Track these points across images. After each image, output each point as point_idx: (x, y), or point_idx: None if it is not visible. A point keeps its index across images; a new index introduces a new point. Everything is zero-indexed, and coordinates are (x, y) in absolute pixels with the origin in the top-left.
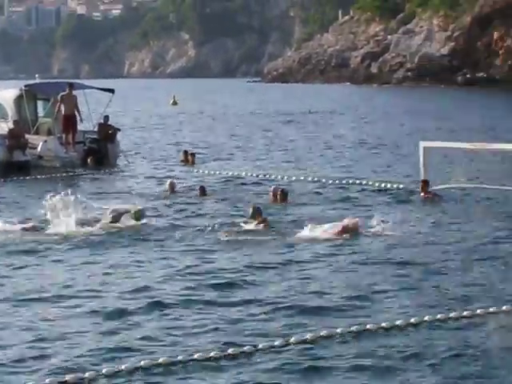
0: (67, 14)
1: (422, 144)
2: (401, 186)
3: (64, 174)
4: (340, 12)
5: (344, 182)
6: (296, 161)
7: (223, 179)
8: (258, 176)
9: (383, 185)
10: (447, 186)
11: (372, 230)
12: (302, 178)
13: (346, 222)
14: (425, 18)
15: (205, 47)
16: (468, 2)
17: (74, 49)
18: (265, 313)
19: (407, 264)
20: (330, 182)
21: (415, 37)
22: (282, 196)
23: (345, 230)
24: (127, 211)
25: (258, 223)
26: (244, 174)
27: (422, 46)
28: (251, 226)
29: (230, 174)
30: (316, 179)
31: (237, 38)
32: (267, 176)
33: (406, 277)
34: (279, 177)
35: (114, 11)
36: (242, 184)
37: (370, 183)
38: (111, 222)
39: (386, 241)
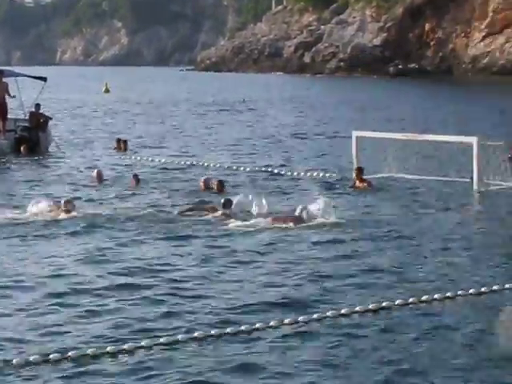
0: None
1: (355, 133)
2: (334, 174)
3: None
4: (273, 1)
5: (276, 171)
6: (229, 149)
7: (156, 167)
8: (192, 164)
9: (315, 173)
10: (381, 175)
11: (310, 219)
12: (235, 167)
13: (297, 212)
14: (357, 8)
15: (138, 35)
16: None
17: (5, 35)
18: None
19: (350, 254)
20: (263, 169)
21: (348, 27)
22: (219, 186)
23: (294, 220)
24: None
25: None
26: (177, 162)
27: (355, 36)
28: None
29: (163, 161)
30: (249, 169)
31: (170, 27)
32: (200, 164)
33: (349, 266)
34: (212, 165)
35: None
36: (175, 172)
37: (303, 173)
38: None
39: (325, 230)
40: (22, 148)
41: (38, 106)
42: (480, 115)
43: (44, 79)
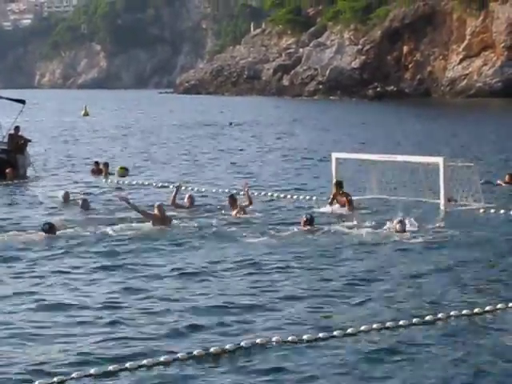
0: None
1: (334, 155)
2: (314, 197)
3: None
4: (252, 24)
5: (256, 193)
6: (216, 171)
7: (127, 190)
8: (163, 186)
9: (296, 196)
10: (362, 197)
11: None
12: (214, 190)
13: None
14: (336, 31)
15: (117, 58)
16: (378, 17)
17: None
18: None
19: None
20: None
21: (326, 50)
22: (232, 202)
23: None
24: None
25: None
26: (155, 183)
27: (333, 59)
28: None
29: (135, 182)
30: (230, 191)
31: (149, 50)
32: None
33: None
34: (190, 188)
35: (24, 21)
36: (144, 194)
37: (282, 195)
38: None
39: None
40: (7, 171)
41: (17, 128)
42: (455, 136)
43: (23, 102)
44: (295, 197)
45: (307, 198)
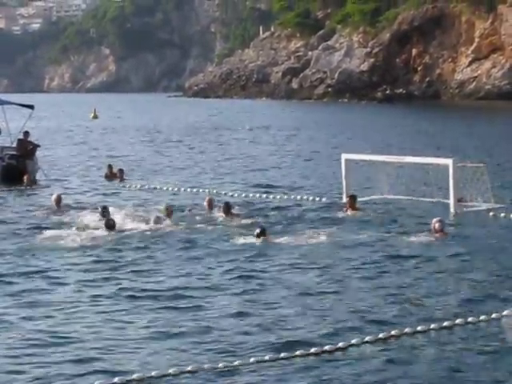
0: None
1: (344, 156)
2: (323, 199)
3: None
4: (261, 28)
5: (265, 195)
6: (220, 174)
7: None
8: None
9: (305, 197)
10: (370, 197)
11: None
12: (224, 192)
13: None
14: (345, 34)
15: (126, 62)
16: (387, 20)
17: None
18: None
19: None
20: (257, 194)
21: (335, 53)
22: (226, 209)
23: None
24: None
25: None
26: (166, 187)
27: (342, 62)
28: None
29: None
30: (244, 194)
31: (158, 53)
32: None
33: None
34: (200, 190)
35: (33, 25)
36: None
37: (292, 196)
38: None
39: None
40: (24, 177)
41: (26, 133)
42: (463, 139)
43: (31, 107)
44: (305, 197)
45: (316, 199)
